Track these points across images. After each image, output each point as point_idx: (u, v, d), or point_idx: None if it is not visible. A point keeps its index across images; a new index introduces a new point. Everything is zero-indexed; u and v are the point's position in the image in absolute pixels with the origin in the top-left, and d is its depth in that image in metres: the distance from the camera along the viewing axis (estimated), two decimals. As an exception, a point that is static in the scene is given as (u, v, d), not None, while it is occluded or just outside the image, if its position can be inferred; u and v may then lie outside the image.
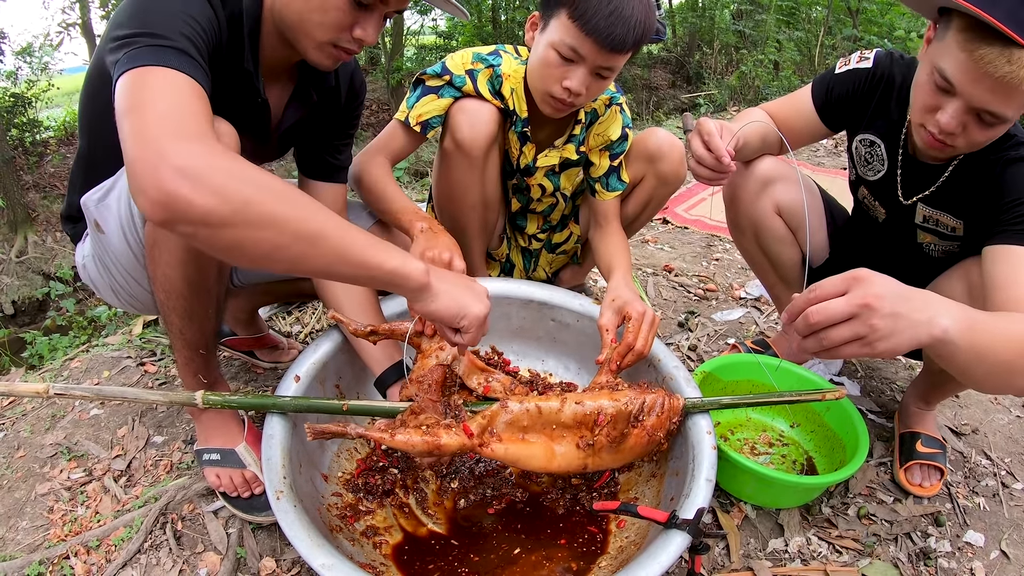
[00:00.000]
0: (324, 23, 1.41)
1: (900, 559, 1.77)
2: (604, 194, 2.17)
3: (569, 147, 2.11)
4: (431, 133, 1.99)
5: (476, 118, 1.93)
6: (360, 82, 1.85)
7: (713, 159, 1.67)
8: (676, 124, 6.59)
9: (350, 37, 1.44)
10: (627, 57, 1.78)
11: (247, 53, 1.46)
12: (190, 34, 1.21)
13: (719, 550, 1.76)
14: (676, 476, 1.65)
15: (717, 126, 1.72)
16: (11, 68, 11.22)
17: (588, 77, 1.78)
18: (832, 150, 5.73)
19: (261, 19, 1.48)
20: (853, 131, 1.97)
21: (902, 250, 1.97)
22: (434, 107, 1.95)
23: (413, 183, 5.93)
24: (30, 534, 1.77)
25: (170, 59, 1.14)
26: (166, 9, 1.23)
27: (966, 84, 1.44)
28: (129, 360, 2.43)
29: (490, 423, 1.52)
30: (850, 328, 1.18)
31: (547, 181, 2.18)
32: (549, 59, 1.78)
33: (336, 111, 1.80)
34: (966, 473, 2.08)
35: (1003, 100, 1.43)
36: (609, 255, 2.11)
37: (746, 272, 3.36)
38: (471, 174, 2.01)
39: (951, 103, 1.50)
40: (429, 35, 13.66)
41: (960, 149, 1.60)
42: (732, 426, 2.14)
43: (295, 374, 1.73)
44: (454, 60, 1.97)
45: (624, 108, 2.15)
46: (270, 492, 1.46)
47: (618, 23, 1.67)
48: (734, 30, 11.94)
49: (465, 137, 1.93)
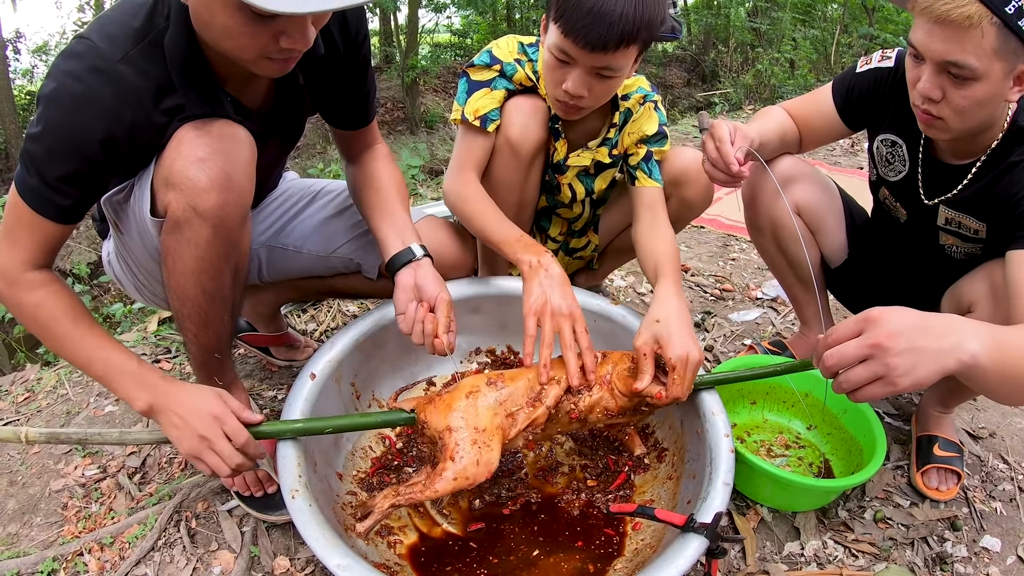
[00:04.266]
0: (239, 46, 1.28)
1: (916, 564, 1.76)
2: (645, 180, 2.02)
3: (602, 150, 2.07)
4: (492, 127, 1.92)
5: (530, 119, 1.91)
6: (355, 19, 1.65)
7: (724, 165, 1.67)
8: (692, 123, 6.55)
9: (279, 48, 1.28)
10: (625, 54, 1.69)
11: (188, 94, 1.40)
12: (52, 173, 1.35)
13: (735, 553, 1.75)
14: (693, 479, 1.63)
15: (730, 130, 1.71)
16: (27, 66, 11.30)
17: (586, 78, 1.72)
18: (849, 150, 5.69)
19: (198, 48, 1.39)
20: (874, 131, 1.95)
21: (923, 252, 1.95)
22: (489, 100, 1.91)
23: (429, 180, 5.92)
24: (44, 531, 1.77)
25: (27, 193, 1.38)
26: (48, 135, 1.33)
27: (922, 39, 1.49)
28: (144, 357, 2.43)
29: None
30: (867, 369, 1.19)
31: (578, 184, 2.13)
32: (548, 62, 1.75)
33: (339, 66, 1.67)
34: (983, 477, 2.06)
35: (956, 44, 1.44)
36: (655, 254, 1.91)
37: (762, 272, 3.34)
38: (517, 173, 1.99)
39: (924, 68, 1.53)
40: (444, 33, 13.68)
41: (951, 123, 1.58)
42: (748, 428, 2.12)
43: (311, 371, 1.73)
44: (500, 48, 1.93)
45: (660, 106, 2.07)
46: (285, 491, 1.45)
47: (598, 23, 1.60)
48: (749, 28, 11.90)
49: (517, 136, 1.91)
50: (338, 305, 2.76)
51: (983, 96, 1.50)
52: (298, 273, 2.05)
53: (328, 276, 2.06)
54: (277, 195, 2.04)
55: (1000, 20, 1.38)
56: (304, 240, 1.99)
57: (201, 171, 1.36)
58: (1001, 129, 1.66)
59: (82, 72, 1.30)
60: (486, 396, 1.53)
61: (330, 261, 2.00)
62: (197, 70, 1.40)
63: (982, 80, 1.47)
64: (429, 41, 13.99)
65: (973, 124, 1.59)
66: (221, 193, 1.38)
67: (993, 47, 1.41)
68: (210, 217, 1.39)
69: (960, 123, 1.57)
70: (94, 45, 1.31)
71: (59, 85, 1.30)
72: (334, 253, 1.99)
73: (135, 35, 1.33)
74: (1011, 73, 1.47)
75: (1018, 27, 1.38)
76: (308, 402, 1.68)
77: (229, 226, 1.44)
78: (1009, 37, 1.40)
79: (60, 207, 1.39)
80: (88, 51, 1.31)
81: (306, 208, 2.03)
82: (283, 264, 2.02)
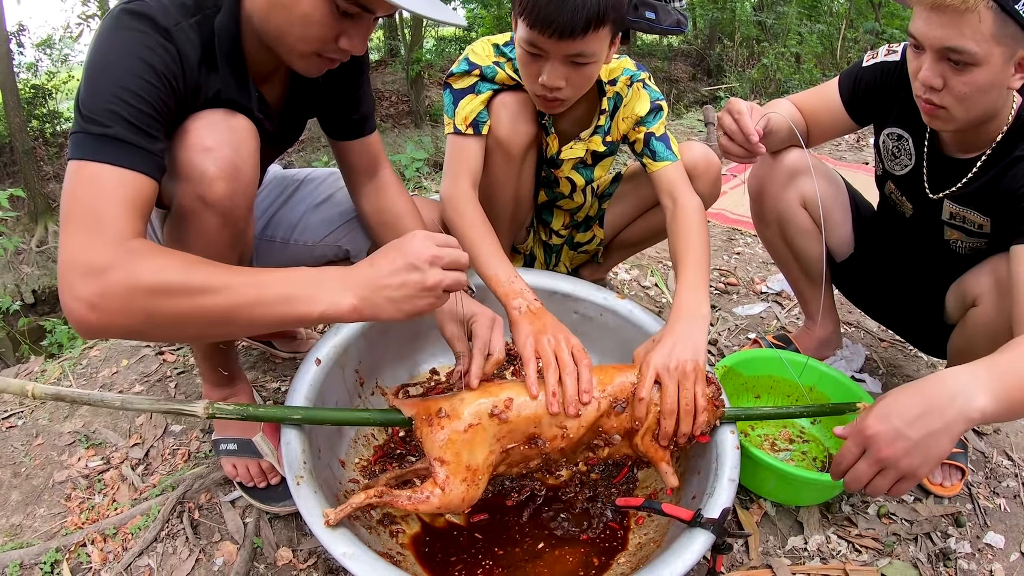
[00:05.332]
0: (307, 36, 1.32)
1: (920, 559, 1.75)
2: (653, 164, 1.96)
3: (595, 139, 2.05)
4: (485, 129, 1.91)
5: (518, 116, 1.90)
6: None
7: (743, 137, 1.67)
8: (697, 117, 6.55)
9: (335, 47, 1.35)
10: (596, 38, 1.64)
11: (227, 79, 1.39)
12: (132, 114, 1.19)
13: (738, 547, 1.75)
14: (698, 474, 1.63)
15: (747, 107, 1.72)
16: (31, 60, 11.33)
17: (561, 68, 1.69)
18: (854, 144, 5.68)
19: (240, 35, 1.40)
20: (880, 125, 1.94)
21: (929, 247, 1.95)
22: (475, 104, 1.90)
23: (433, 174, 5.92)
24: (47, 521, 1.78)
25: (104, 151, 1.17)
26: (112, 81, 1.20)
27: (921, 27, 1.50)
28: (148, 348, 2.43)
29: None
30: (885, 479, 1.25)
31: (576, 175, 2.12)
32: (522, 58, 1.73)
33: (339, 73, 1.66)
34: (987, 473, 2.05)
35: (954, 29, 1.44)
36: (675, 252, 1.85)
37: (767, 266, 3.34)
38: (508, 170, 1.98)
39: (924, 57, 1.54)
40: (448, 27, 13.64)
41: (954, 112, 1.57)
42: (753, 422, 2.11)
43: (316, 357, 1.72)
44: (476, 52, 1.92)
45: (649, 83, 2.02)
46: (289, 477, 1.44)
47: (561, 9, 1.57)
48: (755, 22, 11.87)
49: (506, 134, 1.90)
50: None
51: (984, 82, 1.49)
52: (288, 264, 2.03)
53: (317, 265, 2.04)
54: (262, 188, 2.03)
55: (996, 3, 1.39)
56: (291, 231, 1.98)
57: (209, 160, 1.35)
58: (1006, 122, 1.66)
59: (135, 23, 1.24)
60: (486, 430, 1.47)
61: (318, 250, 1.99)
62: (236, 58, 1.41)
63: (982, 65, 1.47)
64: (434, 35, 13.98)
65: (976, 113, 1.58)
66: (229, 182, 1.37)
67: (991, 31, 1.41)
68: (219, 206, 1.38)
69: (963, 111, 1.57)
70: (147, 5, 1.26)
71: (112, 35, 1.23)
72: (321, 242, 1.98)
73: (186, 9, 1.31)
74: (1011, 59, 1.47)
75: (1015, 11, 1.39)
76: (312, 387, 1.67)
77: (237, 216, 1.43)
78: (1007, 21, 1.40)
79: (152, 156, 1.22)
80: (142, 8, 1.25)
81: (290, 198, 2.02)
82: (273, 257, 2.00)
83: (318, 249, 1.99)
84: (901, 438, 1.20)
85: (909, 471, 1.22)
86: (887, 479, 1.24)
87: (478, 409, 1.47)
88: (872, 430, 1.24)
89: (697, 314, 1.65)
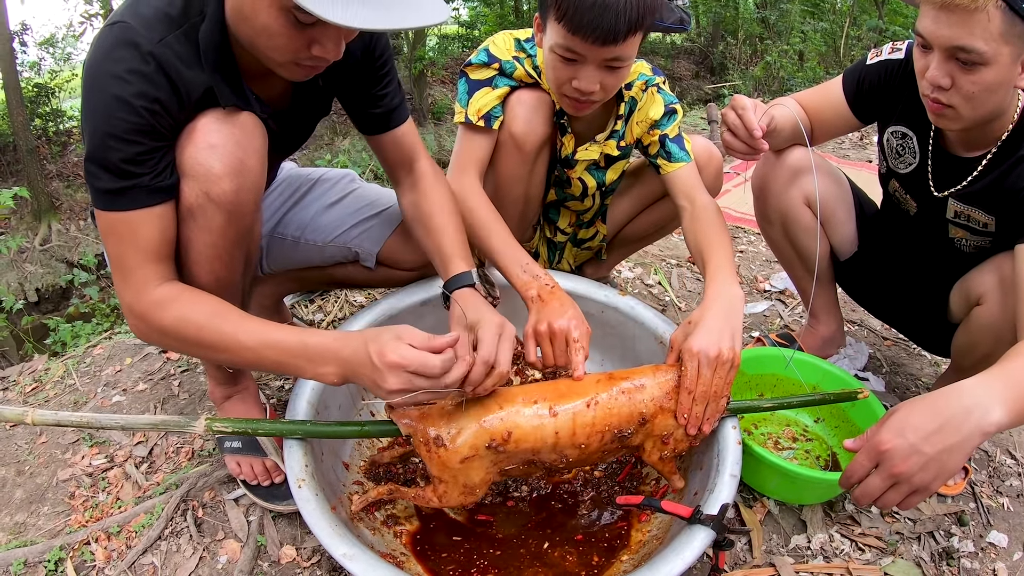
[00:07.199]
0: (273, 47, 1.29)
1: (923, 558, 1.75)
2: (668, 166, 1.97)
3: (610, 143, 2.05)
4: (496, 124, 1.91)
5: (534, 114, 1.89)
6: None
7: (747, 132, 1.67)
8: (700, 115, 6.54)
9: (310, 55, 1.31)
10: (633, 42, 1.66)
11: (221, 86, 1.38)
12: (122, 157, 1.29)
13: (741, 545, 1.75)
14: (700, 470, 1.63)
15: (752, 103, 1.72)
16: (34, 59, 11.33)
17: (597, 73, 1.69)
18: (857, 143, 5.67)
19: (229, 39, 1.38)
20: (884, 123, 1.94)
21: (933, 245, 1.94)
22: (491, 98, 1.89)
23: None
24: (51, 520, 1.78)
25: (111, 201, 1.32)
26: (99, 126, 1.28)
27: (929, 26, 1.49)
28: (152, 347, 2.44)
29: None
30: (898, 492, 1.24)
31: (588, 176, 2.11)
32: (552, 62, 1.72)
33: (356, 68, 1.66)
34: (990, 472, 2.05)
35: (963, 28, 1.44)
36: (699, 250, 1.82)
37: (771, 265, 3.33)
38: (521, 168, 1.97)
39: (932, 57, 1.53)
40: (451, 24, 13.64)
41: (961, 111, 1.57)
42: (756, 420, 2.11)
43: None
44: (497, 46, 1.91)
45: (663, 87, 2.04)
46: (291, 480, 1.45)
47: (605, 14, 1.56)
48: (758, 20, 11.85)
49: (521, 131, 1.89)
50: (345, 295, 2.76)
51: (992, 81, 1.49)
52: (298, 263, 2.04)
53: (327, 266, 2.05)
54: (275, 185, 2.03)
55: (1004, 3, 1.39)
56: (303, 230, 1.98)
57: (214, 157, 1.35)
58: (1012, 120, 1.65)
59: (117, 51, 1.27)
60: (483, 459, 1.46)
61: (328, 250, 1.99)
62: (227, 65, 1.39)
63: (990, 65, 1.46)
64: (436, 32, 13.97)
65: (983, 112, 1.58)
66: (235, 179, 1.38)
67: (999, 30, 1.41)
68: (224, 204, 1.39)
69: (970, 111, 1.56)
70: (129, 27, 1.28)
71: (96, 69, 1.27)
72: (332, 242, 1.98)
73: (171, 22, 1.31)
74: (1019, 58, 1.47)
75: (1023, 10, 1.39)
76: (315, 391, 1.68)
77: (243, 212, 1.43)
78: (1015, 21, 1.40)
79: (150, 187, 1.32)
80: (124, 34, 1.27)
81: (304, 197, 2.02)
82: (284, 254, 2.01)
83: (328, 249, 1.99)
84: (917, 453, 1.19)
85: (922, 486, 1.21)
86: (899, 493, 1.23)
87: (475, 442, 1.44)
88: (887, 445, 1.23)
89: (733, 295, 1.64)
